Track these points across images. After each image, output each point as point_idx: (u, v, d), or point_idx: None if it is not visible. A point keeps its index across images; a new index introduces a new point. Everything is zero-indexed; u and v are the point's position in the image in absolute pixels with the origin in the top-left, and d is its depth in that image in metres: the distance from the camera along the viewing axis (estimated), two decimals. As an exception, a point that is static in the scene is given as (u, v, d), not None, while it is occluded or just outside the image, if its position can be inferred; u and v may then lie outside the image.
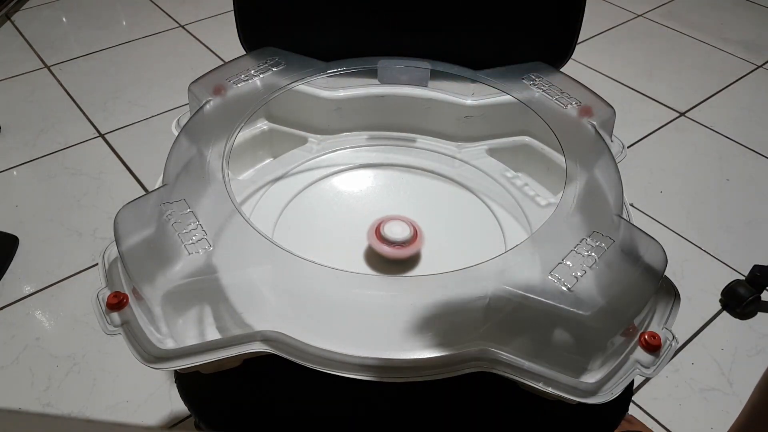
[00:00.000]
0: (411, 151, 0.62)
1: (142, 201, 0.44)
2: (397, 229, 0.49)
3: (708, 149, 1.32)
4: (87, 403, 0.86)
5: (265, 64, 0.59)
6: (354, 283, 0.42)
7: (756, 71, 1.57)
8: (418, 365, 0.37)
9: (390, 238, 0.48)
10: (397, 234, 0.48)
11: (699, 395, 0.88)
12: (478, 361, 0.37)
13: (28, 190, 1.21)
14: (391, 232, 0.48)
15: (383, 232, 0.48)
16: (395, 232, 0.48)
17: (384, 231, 0.49)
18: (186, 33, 1.70)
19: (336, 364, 0.37)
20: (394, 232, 0.48)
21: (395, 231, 0.49)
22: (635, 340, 0.39)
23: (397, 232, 0.48)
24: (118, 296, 0.39)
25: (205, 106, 0.54)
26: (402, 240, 0.48)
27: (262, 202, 0.56)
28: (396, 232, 0.48)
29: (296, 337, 0.37)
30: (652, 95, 1.48)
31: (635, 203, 1.18)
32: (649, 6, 1.86)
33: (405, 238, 0.48)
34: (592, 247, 0.42)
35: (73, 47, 1.63)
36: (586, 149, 0.51)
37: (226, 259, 0.41)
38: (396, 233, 0.48)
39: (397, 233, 0.48)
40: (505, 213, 0.55)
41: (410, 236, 0.49)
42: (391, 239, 0.48)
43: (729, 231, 1.13)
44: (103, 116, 1.39)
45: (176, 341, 0.39)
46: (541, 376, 0.37)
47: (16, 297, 1.00)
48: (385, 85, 0.61)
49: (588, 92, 0.57)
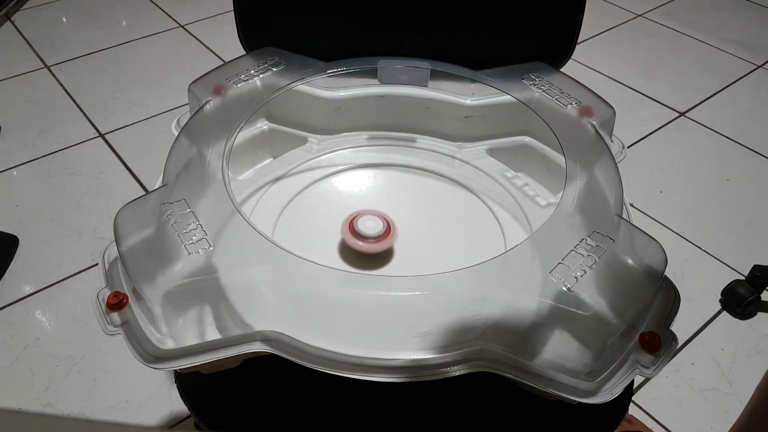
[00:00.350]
0: (411, 151, 0.62)
1: (142, 201, 0.44)
2: (370, 224, 0.49)
3: (708, 149, 1.32)
4: (87, 403, 0.86)
5: (265, 64, 0.59)
6: (354, 283, 0.42)
7: (756, 71, 1.57)
8: (417, 365, 0.37)
9: (363, 233, 0.49)
10: (370, 229, 0.49)
11: (699, 395, 0.88)
12: (477, 361, 0.37)
13: (28, 190, 1.21)
14: (364, 227, 0.49)
15: (356, 227, 0.49)
16: (368, 227, 0.49)
17: (357, 226, 0.49)
18: (186, 33, 1.70)
19: (336, 364, 0.37)
20: (367, 227, 0.49)
21: (368, 226, 0.49)
22: (635, 340, 0.39)
23: (370, 227, 0.49)
24: (118, 296, 0.39)
25: (205, 106, 0.54)
26: (375, 235, 0.48)
27: (262, 202, 0.56)
28: (369, 227, 0.49)
29: (296, 337, 0.37)
30: (652, 95, 1.48)
31: (635, 203, 1.18)
32: (649, 6, 1.86)
33: (378, 233, 0.49)
34: (592, 247, 0.42)
35: (73, 47, 1.63)
36: (586, 149, 0.51)
37: (226, 259, 0.41)
38: (369, 228, 0.49)
39: (370, 228, 0.49)
40: (505, 213, 0.55)
41: (383, 231, 0.49)
42: (364, 234, 0.48)
43: (729, 231, 1.13)
44: (103, 116, 1.39)
45: (176, 341, 0.39)
46: (541, 376, 0.37)
47: (16, 297, 1.00)
48: (385, 85, 0.61)
49: (588, 92, 0.57)
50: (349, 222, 0.49)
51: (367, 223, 0.49)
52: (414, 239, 0.50)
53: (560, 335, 0.40)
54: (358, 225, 0.49)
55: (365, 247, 0.48)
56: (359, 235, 0.48)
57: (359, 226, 0.49)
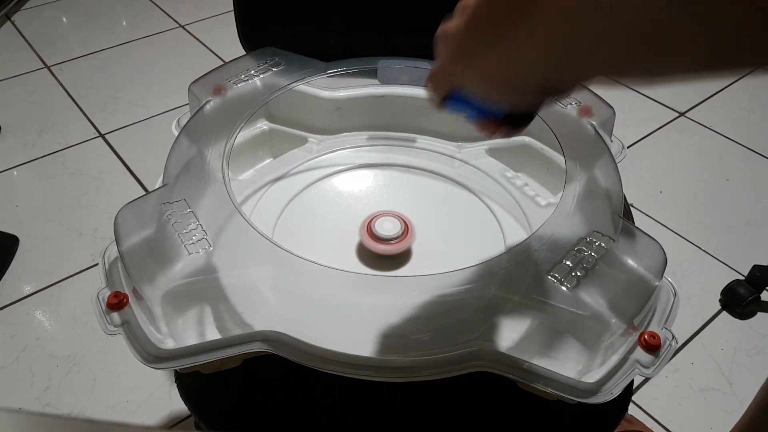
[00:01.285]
0: (411, 151, 0.62)
1: (142, 201, 0.44)
2: (388, 225, 0.49)
3: (708, 149, 1.32)
4: (87, 403, 0.86)
5: (265, 64, 0.59)
6: (354, 283, 0.42)
7: (756, 71, 1.57)
8: (417, 365, 0.37)
9: (381, 234, 0.48)
10: (388, 230, 0.48)
11: (699, 395, 0.88)
12: (477, 361, 0.37)
13: (28, 190, 1.21)
14: (382, 229, 0.48)
15: (374, 229, 0.48)
16: (386, 228, 0.48)
17: (375, 228, 0.49)
18: (186, 33, 1.70)
19: (335, 364, 0.37)
20: (384, 228, 0.48)
21: (386, 227, 0.49)
22: (635, 340, 0.39)
23: (387, 229, 0.48)
24: (118, 296, 0.39)
25: (205, 107, 0.54)
26: (393, 237, 0.48)
27: (262, 202, 0.56)
28: (387, 228, 0.49)
29: (296, 337, 0.37)
30: (652, 95, 1.48)
31: (635, 203, 1.18)
32: (649, 6, 1.85)
33: (396, 235, 0.48)
34: (592, 247, 0.42)
35: (73, 47, 1.64)
36: (585, 149, 0.51)
37: (226, 259, 0.41)
38: (387, 230, 0.48)
39: (388, 230, 0.48)
40: (504, 213, 0.55)
41: (401, 232, 0.49)
42: (382, 236, 0.48)
43: (729, 231, 1.13)
44: (103, 116, 1.39)
45: (176, 341, 0.39)
46: (541, 376, 0.37)
47: (16, 297, 1.00)
48: (385, 85, 0.61)
49: (588, 92, 0.57)
50: (367, 224, 0.49)
51: (384, 224, 0.49)
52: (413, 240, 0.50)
53: (560, 335, 0.40)
54: (375, 227, 0.48)
55: (384, 249, 0.48)
56: (377, 237, 0.48)
57: (377, 228, 0.48)
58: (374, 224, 0.49)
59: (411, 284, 0.42)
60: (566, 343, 0.40)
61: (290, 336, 0.37)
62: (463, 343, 0.38)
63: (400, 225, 0.49)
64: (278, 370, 0.47)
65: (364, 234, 0.49)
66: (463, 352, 0.38)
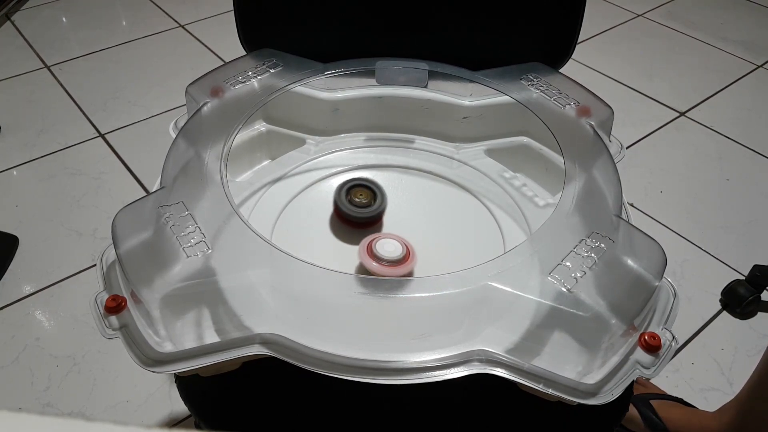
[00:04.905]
0: (409, 152, 0.62)
1: (140, 203, 0.44)
2: (390, 248, 0.47)
3: (708, 149, 1.32)
4: (87, 403, 0.86)
5: (263, 65, 0.59)
6: (352, 285, 0.42)
7: (756, 71, 1.57)
8: (417, 367, 0.37)
9: (382, 256, 0.46)
10: (390, 252, 0.46)
11: (699, 395, 0.88)
12: (477, 362, 0.37)
13: (28, 190, 1.21)
14: (383, 251, 0.46)
15: (375, 250, 0.46)
16: (387, 250, 0.46)
17: (376, 249, 0.46)
18: (186, 33, 1.70)
19: (334, 366, 0.37)
20: (386, 250, 0.46)
21: (387, 249, 0.46)
22: (635, 340, 0.39)
23: (389, 251, 0.46)
24: (116, 299, 0.39)
25: (202, 108, 0.54)
26: (395, 259, 0.46)
27: (260, 204, 0.56)
28: (388, 250, 0.46)
29: (295, 339, 0.37)
30: (652, 95, 1.48)
31: (635, 203, 1.18)
32: (649, 6, 1.85)
33: (398, 257, 0.46)
34: (592, 248, 0.42)
35: (73, 47, 1.63)
36: (584, 150, 0.51)
37: (225, 262, 0.41)
38: (388, 252, 0.46)
39: (389, 252, 0.46)
40: (503, 214, 0.55)
41: (402, 255, 0.46)
42: (384, 257, 0.46)
43: (729, 231, 1.13)
44: (103, 116, 1.39)
45: (175, 344, 0.39)
46: (541, 378, 0.37)
47: (16, 297, 1.00)
48: (383, 86, 0.61)
49: (586, 92, 0.57)
50: (367, 245, 0.47)
51: (386, 246, 0.47)
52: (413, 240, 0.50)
53: (560, 336, 0.40)
54: (377, 248, 0.46)
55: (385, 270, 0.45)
56: (378, 258, 0.46)
57: (378, 250, 0.46)
58: (375, 245, 0.47)
59: (410, 286, 0.41)
60: (566, 344, 0.40)
61: (289, 338, 0.37)
62: (462, 345, 0.38)
63: (401, 248, 0.47)
64: (277, 372, 0.47)
65: (364, 254, 0.46)
66: (462, 354, 0.38)
